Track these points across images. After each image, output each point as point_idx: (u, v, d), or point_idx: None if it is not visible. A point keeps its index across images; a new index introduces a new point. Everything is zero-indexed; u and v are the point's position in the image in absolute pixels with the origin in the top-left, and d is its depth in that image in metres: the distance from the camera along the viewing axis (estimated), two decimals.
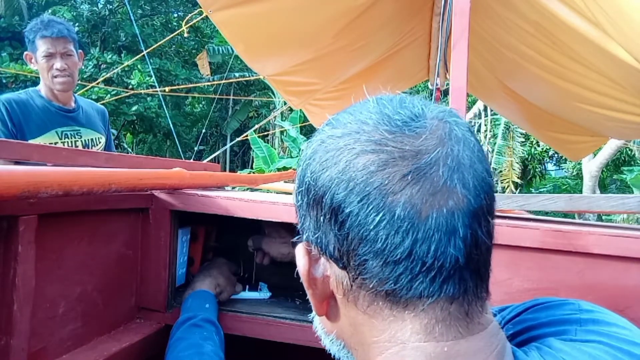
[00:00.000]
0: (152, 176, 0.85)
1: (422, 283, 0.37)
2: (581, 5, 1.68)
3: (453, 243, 0.37)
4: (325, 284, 0.43)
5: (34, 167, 0.60)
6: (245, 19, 2.29)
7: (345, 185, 0.38)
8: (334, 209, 0.39)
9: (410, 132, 0.38)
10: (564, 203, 1.10)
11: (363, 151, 0.38)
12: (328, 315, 0.45)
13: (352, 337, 0.43)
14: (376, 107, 0.41)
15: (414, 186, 0.37)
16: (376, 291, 0.39)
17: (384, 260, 0.37)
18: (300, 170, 0.44)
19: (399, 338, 0.39)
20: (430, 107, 0.41)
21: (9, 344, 0.63)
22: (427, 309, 0.38)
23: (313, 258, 0.43)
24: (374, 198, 0.37)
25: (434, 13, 2.81)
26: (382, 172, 0.37)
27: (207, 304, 0.91)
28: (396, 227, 0.37)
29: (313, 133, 0.45)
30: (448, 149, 0.38)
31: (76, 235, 0.77)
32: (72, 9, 13.23)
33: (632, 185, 9.38)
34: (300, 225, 0.45)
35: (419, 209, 0.36)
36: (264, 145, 12.19)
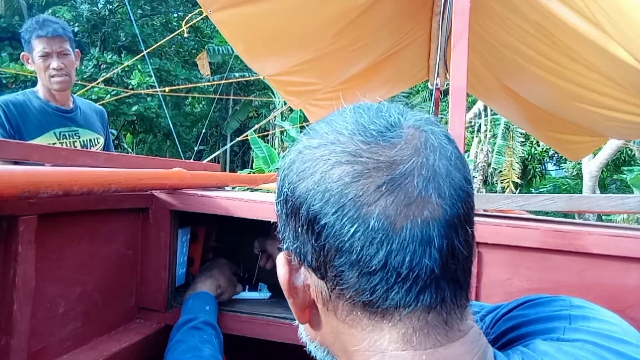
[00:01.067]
0: (152, 176, 0.85)
1: (398, 293, 0.37)
2: (581, 5, 1.68)
3: (428, 253, 0.37)
4: (305, 292, 0.43)
5: (34, 167, 0.60)
6: (245, 19, 2.29)
7: (320, 196, 0.38)
8: (310, 220, 0.39)
9: (385, 142, 0.38)
10: (564, 203, 1.10)
11: (338, 162, 0.38)
12: (311, 322, 0.45)
13: (335, 344, 0.44)
14: (352, 117, 0.41)
15: (388, 197, 0.36)
16: (354, 301, 0.39)
17: (359, 271, 0.37)
18: (279, 180, 0.44)
19: (378, 347, 0.39)
20: (407, 116, 0.41)
21: (9, 344, 0.63)
22: (404, 319, 0.38)
23: (293, 267, 0.43)
24: (348, 209, 0.37)
25: (434, 13, 2.81)
26: (356, 183, 0.37)
27: (208, 306, 0.91)
28: (371, 238, 0.37)
29: None
30: (423, 158, 0.38)
31: (76, 235, 0.77)
32: (72, 9, 13.22)
33: (632, 185, 9.38)
34: (281, 234, 0.45)
35: (393, 220, 0.36)
36: (264, 145, 12.19)
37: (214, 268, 1.02)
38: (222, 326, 0.91)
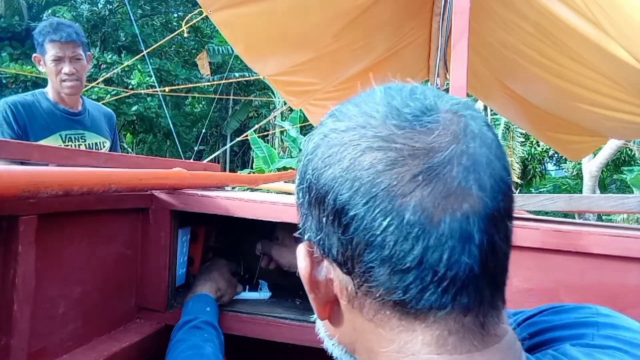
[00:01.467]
0: (152, 176, 0.85)
1: (434, 294, 0.34)
2: (581, 5, 1.68)
3: (467, 250, 0.34)
4: (328, 287, 0.40)
5: (34, 167, 0.60)
6: (245, 19, 2.29)
7: (349, 185, 0.35)
8: (337, 211, 0.36)
9: (421, 127, 0.35)
10: (564, 203, 1.10)
11: (369, 148, 0.35)
12: (331, 319, 0.42)
13: (357, 342, 0.41)
14: (384, 98, 0.37)
15: (425, 188, 0.33)
16: (383, 300, 0.36)
17: (391, 268, 0.34)
18: (301, 166, 0.40)
19: (409, 349, 0.36)
20: (443, 99, 0.37)
21: (9, 344, 0.63)
22: (439, 320, 0.35)
23: (315, 260, 0.40)
24: (381, 200, 0.34)
25: (434, 13, 2.81)
26: (390, 171, 0.34)
27: (208, 308, 0.91)
28: (405, 232, 0.33)
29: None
30: (463, 146, 0.35)
31: (76, 235, 0.77)
32: (72, 9, 13.23)
33: (632, 185, 9.39)
34: (302, 224, 0.41)
35: (431, 213, 0.33)
36: (264, 145, 12.19)
37: (213, 270, 1.02)
38: (222, 326, 0.91)
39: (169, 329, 0.94)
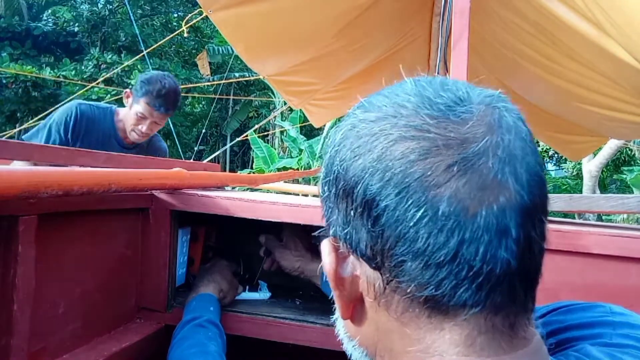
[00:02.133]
0: (152, 176, 0.85)
1: (467, 290, 0.33)
2: (581, 5, 1.68)
3: (504, 245, 0.33)
4: (353, 284, 0.38)
5: (34, 167, 0.60)
6: (245, 19, 2.29)
7: (380, 175, 0.34)
8: (367, 202, 0.34)
9: (455, 117, 0.34)
10: (564, 203, 1.10)
11: (401, 137, 0.34)
12: (354, 318, 0.40)
13: (379, 343, 0.39)
14: (414, 89, 0.37)
15: (460, 179, 0.32)
16: (413, 296, 0.34)
17: (424, 263, 0.33)
18: (327, 158, 0.39)
19: (435, 349, 0.35)
20: (475, 91, 0.37)
21: (9, 344, 0.63)
22: (470, 319, 0.34)
23: (341, 256, 0.39)
24: (414, 191, 0.33)
25: (434, 13, 2.81)
26: (423, 161, 0.33)
27: (212, 307, 0.91)
28: (440, 225, 0.32)
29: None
30: (498, 137, 0.34)
31: (76, 235, 0.77)
32: (72, 9, 13.24)
33: (632, 185, 9.39)
34: (327, 218, 0.40)
35: (467, 205, 0.32)
36: (264, 145, 12.19)
37: (215, 272, 1.01)
38: (222, 326, 0.91)
39: (169, 329, 0.94)
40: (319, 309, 0.97)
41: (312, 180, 10.03)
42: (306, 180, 7.04)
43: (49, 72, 10.97)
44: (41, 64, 11.94)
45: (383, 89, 0.39)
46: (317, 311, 0.97)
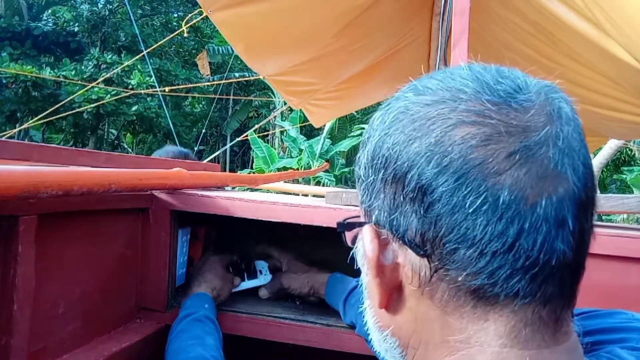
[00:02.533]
0: (152, 176, 0.85)
1: (521, 280, 0.33)
2: (581, 5, 1.68)
3: (562, 236, 0.32)
4: (394, 272, 0.38)
5: (34, 167, 0.60)
6: (245, 19, 2.29)
7: (438, 160, 0.33)
8: (421, 188, 0.34)
9: (516, 105, 0.33)
10: None
11: (461, 122, 0.33)
12: (389, 307, 0.39)
13: (414, 334, 0.38)
14: (471, 74, 0.36)
15: (521, 167, 0.32)
16: (462, 285, 0.34)
17: (479, 251, 0.32)
18: (374, 142, 0.38)
19: (477, 340, 0.34)
20: (532, 80, 0.36)
21: (9, 344, 0.63)
22: (518, 310, 0.34)
23: (382, 242, 0.38)
24: (473, 178, 0.32)
25: (434, 13, 2.81)
26: (484, 147, 0.32)
27: (207, 304, 0.91)
28: (499, 213, 0.32)
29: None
30: (558, 128, 0.33)
31: (76, 235, 0.77)
32: (72, 9, 13.25)
33: (632, 185, 9.39)
34: (368, 204, 0.39)
35: (527, 194, 0.32)
36: (264, 145, 12.19)
37: (205, 271, 1.00)
38: (222, 326, 0.91)
39: (169, 329, 0.94)
40: (319, 309, 0.97)
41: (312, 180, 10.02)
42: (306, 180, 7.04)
43: (49, 72, 10.98)
44: (41, 64, 11.95)
45: (434, 73, 0.38)
46: (317, 311, 0.97)
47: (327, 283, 0.97)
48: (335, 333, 0.91)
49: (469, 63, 0.38)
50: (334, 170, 12.30)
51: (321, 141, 11.99)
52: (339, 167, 12.56)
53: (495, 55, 2.67)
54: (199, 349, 0.77)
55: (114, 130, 15.30)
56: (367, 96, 3.95)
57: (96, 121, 12.95)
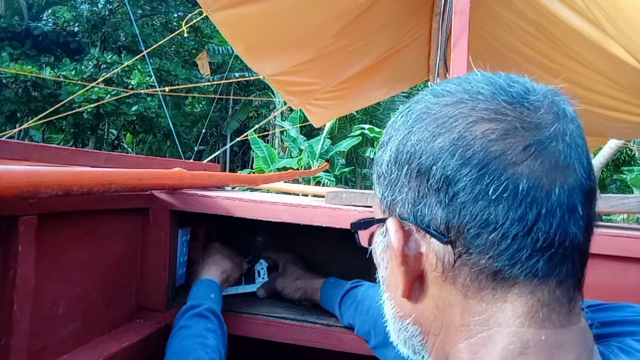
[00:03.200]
0: (152, 176, 0.85)
1: (540, 261, 0.36)
2: (581, 5, 1.68)
3: (573, 221, 0.36)
4: (417, 261, 0.40)
5: (34, 167, 0.60)
6: (245, 19, 2.29)
7: (461, 153, 0.36)
8: (446, 179, 0.37)
9: (528, 104, 0.37)
10: None
11: (481, 119, 0.37)
12: (410, 296, 0.42)
13: (435, 321, 0.41)
14: (485, 79, 0.40)
15: (536, 159, 0.35)
16: (483, 268, 0.37)
17: (501, 235, 0.36)
18: (396, 140, 0.41)
19: (495, 321, 0.37)
20: (537, 85, 0.40)
21: (9, 344, 0.63)
22: (536, 291, 0.36)
23: (406, 234, 0.40)
24: (494, 168, 0.35)
25: (434, 13, 2.81)
26: (503, 141, 0.36)
27: (212, 294, 0.89)
28: (519, 199, 0.35)
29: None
30: (564, 126, 0.37)
31: (76, 235, 0.77)
32: (72, 9, 13.24)
33: (632, 185, 9.39)
34: (390, 199, 0.42)
35: (542, 183, 0.35)
36: (264, 145, 12.19)
37: (213, 253, 0.99)
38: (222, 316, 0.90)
39: (169, 329, 0.94)
40: (319, 309, 0.97)
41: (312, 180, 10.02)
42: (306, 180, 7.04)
43: (49, 72, 10.98)
44: (41, 64, 11.94)
45: (449, 80, 0.42)
46: (317, 311, 0.97)
47: (322, 289, 0.97)
48: (335, 333, 0.91)
49: (478, 70, 0.42)
50: (334, 170, 12.30)
51: (321, 141, 11.99)
52: (339, 167, 12.55)
53: (495, 55, 2.67)
54: (198, 352, 0.76)
55: (114, 130, 15.31)
56: (367, 96, 3.95)
57: (96, 121, 12.96)
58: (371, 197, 0.97)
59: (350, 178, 14.18)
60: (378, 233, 0.46)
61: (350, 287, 0.91)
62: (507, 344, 0.36)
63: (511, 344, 0.36)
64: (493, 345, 0.37)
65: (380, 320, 0.81)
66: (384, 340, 0.79)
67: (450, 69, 1.41)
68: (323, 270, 1.06)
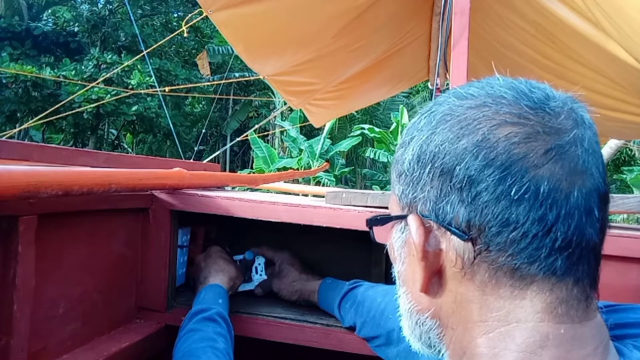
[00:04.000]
0: (152, 176, 0.85)
1: (558, 260, 0.37)
2: (581, 5, 1.68)
3: (590, 223, 0.37)
4: (436, 257, 0.42)
5: (33, 167, 0.60)
6: (245, 19, 2.29)
7: (485, 154, 0.38)
8: (468, 179, 0.38)
9: (549, 110, 0.39)
10: None
11: (504, 122, 0.38)
12: (428, 291, 0.43)
13: (453, 315, 0.42)
14: (507, 84, 0.41)
15: (556, 162, 0.37)
16: (502, 265, 0.38)
17: (522, 233, 0.37)
18: (419, 140, 0.43)
19: (514, 317, 0.38)
20: (557, 92, 0.41)
21: (9, 344, 0.63)
22: (554, 288, 0.38)
23: (426, 230, 0.42)
24: (517, 170, 0.37)
25: (434, 13, 2.81)
26: (525, 144, 0.37)
27: (221, 300, 0.88)
28: (540, 200, 0.36)
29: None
30: (582, 132, 0.39)
31: (76, 235, 0.77)
32: (72, 9, 13.24)
33: (632, 185, 9.39)
34: (412, 196, 0.43)
35: (562, 186, 0.37)
36: (264, 145, 12.19)
37: (217, 258, 0.98)
38: None
39: (169, 329, 0.94)
40: (319, 309, 0.97)
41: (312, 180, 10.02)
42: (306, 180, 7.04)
43: (49, 72, 10.98)
44: (41, 64, 11.94)
45: (470, 83, 0.43)
46: (317, 311, 0.97)
47: (319, 290, 0.97)
48: (335, 333, 0.91)
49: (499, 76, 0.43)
50: (334, 170, 12.30)
51: (321, 141, 11.99)
52: (339, 167, 12.55)
53: (495, 55, 2.67)
54: (209, 354, 0.75)
55: (114, 130, 15.31)
56: (367, 96, 3.95)
57: (96, 121, 12.96)
58: (371, 197, 0.97)
59: (350, 178, 14.18)
60: (396, 229, 0.47)
61: (349, 289, 0.91)
62: (526, 337, 0.38)
63: (531, 337, 0.38)
64: (512, 340, 0.38)
65: (383, 320, 0.81)
66: (387, 340, 0.79)
67: (450, 69, 1.41)
68: (323, 270, 1.06)
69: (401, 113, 11.79)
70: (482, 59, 2.85)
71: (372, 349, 0.85)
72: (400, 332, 0.77)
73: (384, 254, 1.05)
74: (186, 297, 0.99)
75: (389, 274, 1.05)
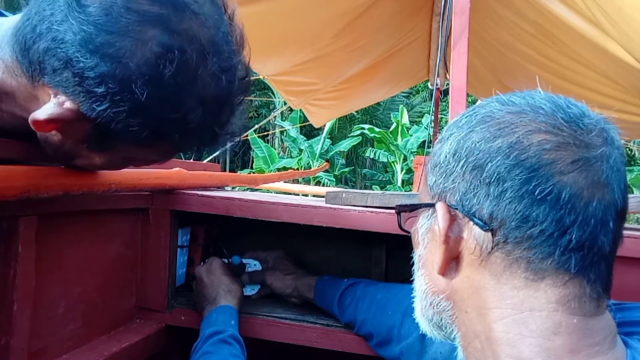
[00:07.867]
0: (152, 176, 0.85)
1: (572, 259, 0.40)
2: (581, 5, 1.68)
3: (604, 232, 0.41)
4: (456, 243, 0.45)
5: (34, 167, 0.60)
6: (245, 18, 2.28)
7: (516, 156, 0.41)
8: (497, 176, 0.41)
9: (583, 125, 0.42)
10: None
11: (539, 130, 0.41)
12: (445, 273, 0.46)
13: (468, 300, 0.45)
14: (547, 98, 0.44)
15: (581, 173, 0.40)
16: (518, 258, 0.41)
17: (539, 231, 0.40)
18: (458, 136, 0.46)
19: (527, 305, 0.41)
20: (591, 111, 0.45)
21: (9, 344, 0.63)
22: (568, 284, 0.41)
23: (451, 218, 0.45)
24: (544, 173, 0.40)
25: (434, 13, 2.82)
26: (555, 152, 0.40)
27: (233, 321, 0.87)
28: (561, 204, 0.40)
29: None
30: (610, 150, 0.42)
31: (76, 235, 0.77)
32: None
33: (632, 185, 9.39)
34: (442, 186, 0.47)
35: (583, 195, 0.40)
36: (264, 146, 12.19)
37: (222, 276, 0.95)
38: None
39: (169, 329, 0.94)
40: (319, 309, 0.97)
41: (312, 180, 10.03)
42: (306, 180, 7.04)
43: None
44: None
45: (514, 93, 0.47)
46: (317, 311, 0.97)
47: (316, 286, 0.96)
48: (335, 333, 0.91)
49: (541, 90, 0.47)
50: (334, 170, 12.30)
51: (321, 141, 11.99)
52: (339, 167, 12.55)
53: (495, 55, 2.67)
54: None
55: None
56: (367, 96, 3.95)
57: None
58: (371, 197, 0.97)
59: (350, 178, 14.18)
60: (423, 216, 0.50)
61: (348, 285, 0.91)
62: (540, 324, 0.41)
63: (544, 324, 0.41)
64: (526, 326, 0.41)
65: (384, 317, 0.81)
66: (387, 338, 0.79)
67: (450, 69, 1.41)
68: (323, 270, 1.06)
69: (401, 113, 11.79)
70: (482, 59, 2.85)
71: (372, 348, 0.85)
72: (401, 329, 0.77)
73: (384, 254, 1.05)
74: (186, 297, 0.99)
75: (389, 274, 1.05)
